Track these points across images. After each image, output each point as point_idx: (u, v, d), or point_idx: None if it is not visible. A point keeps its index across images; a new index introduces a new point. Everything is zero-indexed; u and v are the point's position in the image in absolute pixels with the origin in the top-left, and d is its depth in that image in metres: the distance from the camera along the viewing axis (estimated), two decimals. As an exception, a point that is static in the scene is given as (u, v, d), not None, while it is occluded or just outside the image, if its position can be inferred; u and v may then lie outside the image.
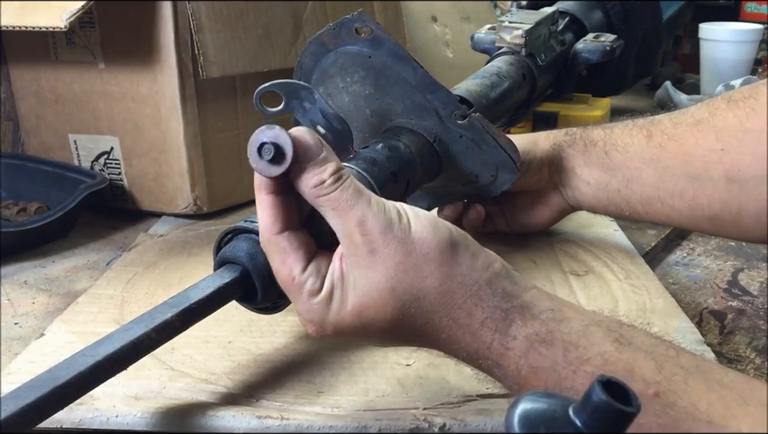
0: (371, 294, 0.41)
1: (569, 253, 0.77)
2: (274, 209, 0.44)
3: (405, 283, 0.41)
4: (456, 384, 0.53)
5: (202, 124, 0.88)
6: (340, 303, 0.42)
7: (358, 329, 0.43)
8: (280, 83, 0.55)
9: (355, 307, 0.42)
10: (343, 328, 0.43)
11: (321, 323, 0.43)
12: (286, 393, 0.52)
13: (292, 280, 0.43)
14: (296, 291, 0.43)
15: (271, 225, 0.44)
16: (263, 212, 0.44)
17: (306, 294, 0.43)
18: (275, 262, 0.44)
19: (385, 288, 0.41)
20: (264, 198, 0.44)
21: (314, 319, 0.43)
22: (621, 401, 0.26)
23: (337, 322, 0.43)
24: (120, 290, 0.69)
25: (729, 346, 0.63)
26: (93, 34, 0.87)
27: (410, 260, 0.41)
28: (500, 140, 0.66)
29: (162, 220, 0.91)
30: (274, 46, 0.92)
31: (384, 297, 0.41)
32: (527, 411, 0.27)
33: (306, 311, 0.43)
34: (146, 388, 0.52)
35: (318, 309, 0.43)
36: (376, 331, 0.42)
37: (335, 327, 0.43)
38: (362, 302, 0.41)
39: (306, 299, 0.43)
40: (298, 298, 0.43)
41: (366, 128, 0.68)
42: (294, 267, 0.43)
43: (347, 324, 0.42)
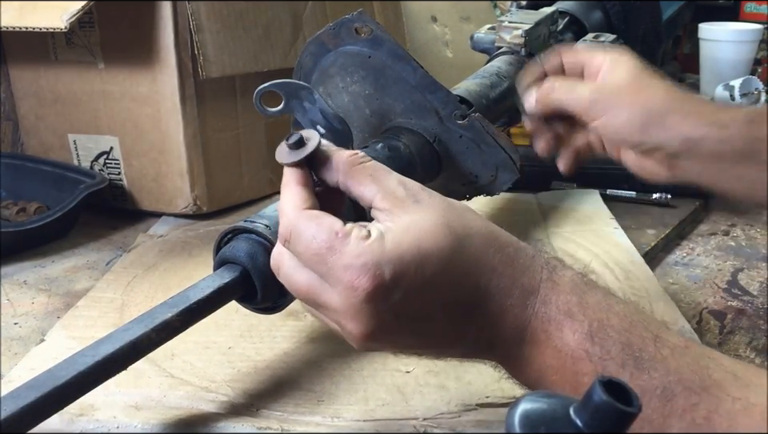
0: (427, 227, 0.39)
1: (568, 252, 0.77)
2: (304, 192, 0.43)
3: (456, 219, 0.41)
4: (456, 392, 0.53)
5: (201, 124, 0.88)
6: (395, 243, 0.39)
7: (417, 266, 0.39)
8: (280, 83, 0.55)
9: (413, 242, 0.39)
10: (402, 267, 0.38)
11: (377, 263, 0.38)
12: (287, 402, 0.52)
13: (336, 234, 0.39)
14: (342, 242, 0.39)
15: (302, 203, 0.42)
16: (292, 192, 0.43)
17: (355, 239, 0.39)
18: (310, 230, 0.40)
19: (439, 223, 0.40)
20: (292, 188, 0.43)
21: (368, 261, 0.38)
22: (622, 401, 0.26)
23: (396, 258, 0.38)
24: (120, 293, 0.69)
25: (729, 346, 0.63)
26: (92, 34, 0.87)
27: (454, 207, 0.42)
28: (500, 140, 0.66)
29: (162, 220, 0.91)
30: (274, 46, 0.92)
31: (440, 230, 0.40)
32: (528, 411, 0.27)
33: (357, 256, 0.38)
34: (147, 397, 0.52)
35: (373, 249, 0.38)
36: (433, 267, 0.39)
37: (394, 265, 0.38)
38: (419, 237, 0.39)
39: (355, 244, 0.39)
40: (345, 248, 0.39)
41: (365, 128, 0.68)
42: (333, 224, 0.40)
43: (406, 260, 0.38)
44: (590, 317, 0.39)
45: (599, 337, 0.39)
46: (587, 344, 0.39)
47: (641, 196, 0.96)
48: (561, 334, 0.39)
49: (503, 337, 0.41)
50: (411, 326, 0.40)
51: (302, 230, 0.41)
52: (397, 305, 0.39)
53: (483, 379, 0.54)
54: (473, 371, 0.55)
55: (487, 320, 0.40)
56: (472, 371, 0.55)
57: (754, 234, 0.89)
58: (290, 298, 0.52)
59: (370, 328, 0.39)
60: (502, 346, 0.41)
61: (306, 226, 0.40)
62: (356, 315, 0.39)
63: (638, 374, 0.37)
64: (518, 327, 0.40)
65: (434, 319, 0.40)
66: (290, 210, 0.42)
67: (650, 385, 0.37)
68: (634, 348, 0.38)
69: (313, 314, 0.44)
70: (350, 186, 0.43)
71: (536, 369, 0.41)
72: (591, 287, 0.42)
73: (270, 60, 0.92)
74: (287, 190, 0.43)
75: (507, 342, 0.41)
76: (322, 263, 0.39)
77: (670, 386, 0.37)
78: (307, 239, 0.40)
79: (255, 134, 0.96)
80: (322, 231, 0.40)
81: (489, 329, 0.41)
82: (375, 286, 0.38)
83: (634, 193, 0.97)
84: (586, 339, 0.39)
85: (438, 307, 0.40)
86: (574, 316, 0.40)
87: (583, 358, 0.39)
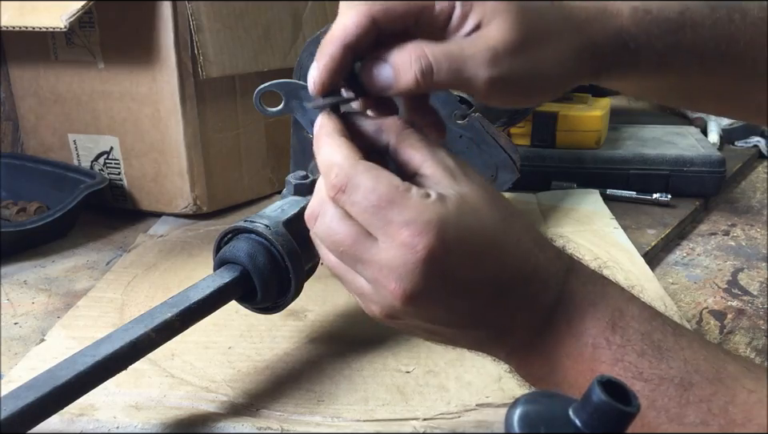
0: (483, 200, 0.39)
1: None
2: (349, 145, 0.40)
3: (501, 199, 0.41)
4: (455, 392, 0.53)
5: (201, 124, 0.88)
6: (457, 206, 0.38)
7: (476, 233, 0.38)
8: (280, 83, 0.55)
9: (473, 209, 0.38)
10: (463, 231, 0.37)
11: (441, 222, 0.37)
12: (287, 402, 0.52)
13: (396, 188, 0.37)
14: (403, 195, 0.37)
15: (352, 154, 0.39)
16: (340, 148, 0.40)
17: (417, 195, 0.37)
18: (369, 181, 0.38)
19: (490, 199, 0.40)
20: (337, 138, 0.41)
21: (432, 218, 0.37)
22: (621, 401, 0.26)
23: (459, 221, 0.37)
24: (120, 293, 0.69)
25: (729, 346, 0.63)
26: (92, 33, 0.87)
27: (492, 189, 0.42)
28: (500, 140, 0.66)
29: (162, 220, 0.91)
30: (274, 46, 0.92)
31: (493, 205, 0.39)
32: (527, 411, 0.27)
33: (420, 212, 0.37)
34: (147, 397, 0.52)
35: (437, 207, 0.37)
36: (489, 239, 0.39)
37: (457, 227, 0.37)
38: (477, 206, 0.39)
39: (417, 199, 0.37)
40: (408, 202, 0.37)
41: (365, 128, 0.68)
42: (393, 178, 0.38)
43: (468, 226, 0.38)
44: (611, 306, 0.40)
45: (620, 326, 0.39)
46: (608, 332, 0.39)
47: (641, 196, 0.96)
48: (583, 322, 0.39)
49: (526, 324, 0.40)
50: (452, 297, 0.39)
51: (360, 181, 0.38)
52: (449, 270, 0.38)
53: (483, 380, 0.54)
54: (473, 372, 0.55)
55: (518, 304, 0.40)
56: (472, 371, 0.55)
57: (754, 234, 0.89)
58: (289, 298, 0.52)
59: (416, 290, 0.37)
60: (520, 334, 0.41)
61: (364, 177, 0.38)
62: (406, 274, 0.37)
63: (656, 363, 0.38)
64: (542, 314, 0.40)
65: (475, 294, 0.39)
66: (342, 160, 0.39)
67: (668, 374, 0.37)
68: (653, 338, 0.39)
69: (341, 274, 0.42)
70: (400, 149, 0.41)
71: (551, 359, 0.40)
72: (610, 280, 0.42)
73: (270, 60, 0.92)
74: (331, 140, 0.41)
75: (526, 329, 0.41)
76: (380, 216, 0.37)
77: (688, 376, 0.37)
78: (366, 189, 0.38)
79: (255, 134, 0.96)
80: (381, 184, 0.38)
81: (517, 314, 0.40)
82: (436, 245, 0.37)
83: (634, 193, 0.97)
84: (607, 327, 0.39)
85: (483, 282, 0.39)
86: (596, 305, 0.40)
87: (603, 346, 0.39)
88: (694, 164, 0.98)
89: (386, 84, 0.41)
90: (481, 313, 0.40)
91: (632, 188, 0.98)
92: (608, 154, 1.01)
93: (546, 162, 1.02)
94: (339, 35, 0.41)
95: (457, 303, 0.39)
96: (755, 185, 1.11)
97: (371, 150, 0.42)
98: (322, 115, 0.43)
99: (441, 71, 0.40)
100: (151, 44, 0.84)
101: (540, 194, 0.97)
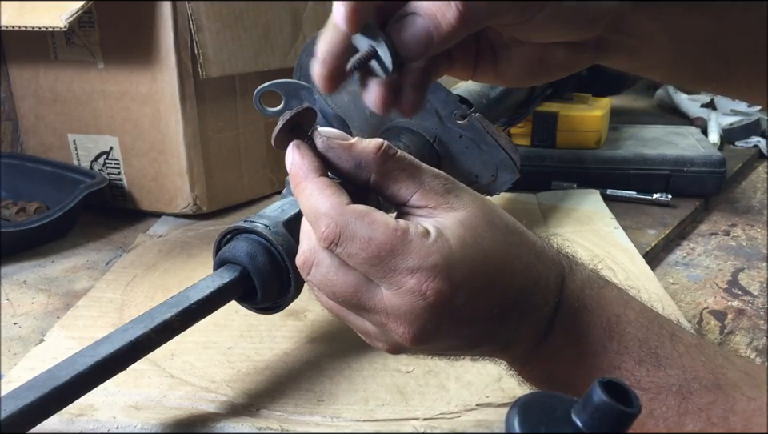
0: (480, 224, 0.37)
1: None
2: (334, 186, 0.38)
3: (497, 214, 0.39)
4: (455, 392, 0.53)
5: (201, 124, 0.88)
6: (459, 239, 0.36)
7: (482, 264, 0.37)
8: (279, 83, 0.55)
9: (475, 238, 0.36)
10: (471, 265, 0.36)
11: (448, 264, 0.35)
12: (286, 402, 0.52)
13: (395, 231, 0.35)
14: (403, 240, 0.35)
15: (339, 200, 0.37)
16: (322, 194, 0.37)
17: (417, 237, 0.35)
18: (362, 229, 0.36)
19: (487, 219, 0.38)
20: (317, 181, 0.38)
21: (438, 262, 0.35)
22: (621, 402, 0.26)
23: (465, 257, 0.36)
24: (119, 293, 0.69)
25: (729, 346, 0.63)
26: (92, 33, 0.87)
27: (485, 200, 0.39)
28: (500, 140, 0.66)
29: (162, 220, 0.91)
30: (274, 46, 0.92)
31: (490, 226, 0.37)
32: (528, 412, 0.27)
33: (424, 256, 0.35)
34: (146, 397, 0.52)
35: (440, 247, 0.35)
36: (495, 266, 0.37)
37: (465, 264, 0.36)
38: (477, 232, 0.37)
39: (419, 243, 0.35)
40: (409, 247, 0.35)
41: (365, 128, 0.68)
42: (387, 220, 0.36)
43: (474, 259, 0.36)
44: (608, 312, 0.39)
45: (617, 332, 0.38)
46: (605, 339, 0.38)
47: (641, 196, 0.96)
48: (580, 329, 0.39)
49: (526, 335, 0.39)
50: (460, 328, 0.38)
51: (354, 231, 0.36)
52: (458, 307, 0.36)
53: (483, 379, 0.54)
54: (473, 371, 0.55)
55: (520, 319, 0.39)
56: (472, 371, 0.55)
57: (754, 234, 0.89)
58: (289, 298, 0.52)
59: (426, 332, 0.36)
60: (522, 344, 0.40)
61: (358, 226, 0.36)
62: (415, 319, 0.36)
63: (654, 371, 0.37)
64: (541, 325, 0.39)
65: (482, 319, 0.38)
66: (329, 209, 0.37)
67: (666, 382, 0.37)
68: (651, 345, 0.38)
69: (342, 317, 0.41)
70: (384, 184, 0.38)
71: (551, 365, 0.40)
72: (607, 283, 0.41)
73: (270, 60, 0.92)
74: (311, 184, 0.38)
75: (528, 340, 0.40)
76: (382, 266, 0.36)
77: (687, 384, 0.36)
78: (363, 240, 0.36)
79: (255, 134, 0.96)
80: (377, 231, 0.36)
81: (520, 328, 0.39)
82: (445, 288, 0.35)
83: (634, 193, 0.97)
84: (604, 334, 0.39)
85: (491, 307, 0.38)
86: (593, 311, 0.39)
87: (600, 353, 0.38)
88: (694, 164, 0.98)
89: (425, 38, 0.36)
90: (486, 334, 0.39)
91: (632, 188, 0.98)
92: (608, 154, 1.01)
93: (546, 162, 1.02)
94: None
95: (468, 330, 0.38)
96: (756, 185, 1.11)
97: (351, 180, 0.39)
98: (292, 150, 0.39)
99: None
100: (151, 44, 0.84)
101: (540, 194, 0.96)
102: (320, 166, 0.39)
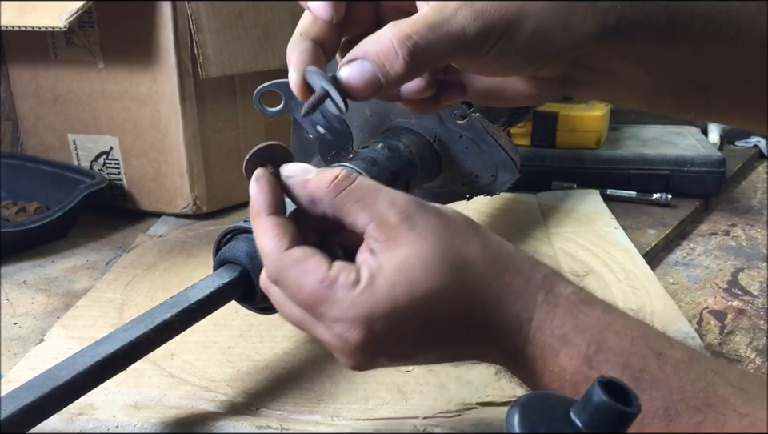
0: (421, 266, 0.37)
1: (568, 252, 0.77)
2: (278, 228, 0.39)
3: (452, 247, 0.38)
4: (456, 391, 0.53)
5: (201, 124, 0.88)
6: (388, 289, 0.36)
7: (414, 312, 0.37)
8: (279, 83, 0.55)
9: (407, 287, 0.37)
10: (397, 316, 0.37)
11: (367, 317, 0.36)
12: (286, 401, 0.52)
13: (321, 281, 0.37)
14: (329, 292, 0.37)
15: (279, 245, 0.39)
16: (266, 235, 0.39)
17: (344, 289, 0.37)
18: (294, 277, 0.38)
19: (435, 258, 0.37)
20: (264, 221, 0.39)
21: (358, 315, 0.36)
22: (621, 401, 0.26)
23: (389, 311, 0.36)
24: (120, 293, 0.69)
25: (729, 346, 0.63)
26: (92, 33, 0.87)
27: (450, 228, 0.39)
28: (500, 140, 0.66)
29: (162, 220, 0.91)
30: (274, 46, 0.92)
31: (435, 266, 0.37)
32: (527, 411, 0.27)
33: (347, 308, 0.36)
34: (146, 396, 0.52)
35: (362, 301, 0.36)
36: (428, 311, 0.37)
37: (387, 317, 0.36)
38: (412, 280, 0.37)
39: (343, 295, 0.36)
40: (333, 298, 0.37)
41: (365, 128, 0.68)
42: (318, 269, 0.37)
43: (400, 309, 0.37)
44: (587, 339, 0.38)
45: (597, 360, 0.37)
46: (585, 369, 0.37)
47: (641, 196, 0.96)
48: (557, 359, 0.38)
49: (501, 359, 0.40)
50: (406, 358, 0.40)
51: (288, 277, 0.38)
52: (390, 349, 0.38)
53: (483, 379, 0.54)
54: (473, 371, 0.55)
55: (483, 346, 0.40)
56: (472, 370, 0.55)
57: (754, 234, 0.89)
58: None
59: (365, 364, 0.39)
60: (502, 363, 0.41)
61: (291, 273, 0.38)
62: (350, 355, 0.38)
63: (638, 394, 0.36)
64: (512, 354, 0.39)
65: (429, 351, 0.39)
66: (270, 251, 0.39)
67: (651, 406, 0.35)
68: (634, 368, 0.37)
69: None
70: (339, 216, 0.39)
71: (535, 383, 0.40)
72: (589, 304, 0.39)
73: (270, 60, 0.92)
74: (258, 224, 0.40)
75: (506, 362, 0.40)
76: (311, 311, 0.38)
77: (674, 405, 0.35)
78: (294, 286, 0.38)
79: (255, 134, 0.96)
80: (307, 279, 0.37)
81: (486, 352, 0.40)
82: (366, 338, 0.37)
83: (634, 193, 0.97)
84: (583, 363, 0.37)
85: (434, 343, 0.39)
86: (569, 340, 0.38)
87: (582, 382, 0.37)
88: (694, 164, 0.98)
89: (373, 83, 0.38)
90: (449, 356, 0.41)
91: (632, 188, 0.98)
92: (608, 154, 1.01)
93: (546, 162, 1.02)
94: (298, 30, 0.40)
95: (416, 358, 0.40)
96: (755, 185, 1.11)
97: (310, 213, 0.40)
98: (252, 183, 0.40)
99: (430, 44, 0.36)
100: (151, 44, 0.84)
101: (540, 194, 0.96)
102: (274, 202, 0.40)
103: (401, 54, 0.37)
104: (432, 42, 0.37)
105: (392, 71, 0.37)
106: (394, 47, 0.37)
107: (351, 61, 0.38)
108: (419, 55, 0.37)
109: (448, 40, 0.37)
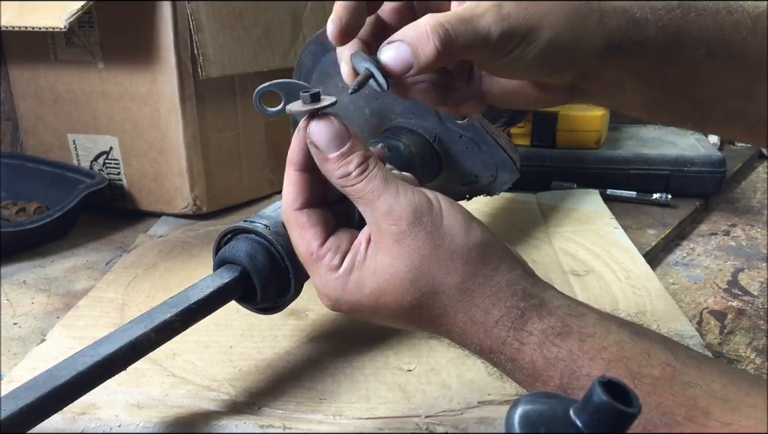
0: (391, 281, 0.41)
1: (569, 252, 0.77)
2: (297, 185, 0.44)
3: (427, 276, 0.41)
4: (457, 390, 0.53)
5: (201, 124, 0.88)
6: (357, 286, 0.42)
7: (373, 311, 0.43)
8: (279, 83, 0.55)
9: (373, 292, 0.42)
10: (358, 309, 0.43)
11: (336, 299, 0.43)
12: (288, 400, 0.52)
13: (310, 254, 0.43)
14: (314, 265, 0.43)
15: (293, 201, 0.44)
16: (287, 188, 0.44)
17: (324, 268, 0.43)
18: (294, 236, 0.44)
19: (406, 278, 0.41)
20: (291, 174, 0.44)
21: (329, 294, 0.43)
22: (621, 402, 0.26)
23: (353, 302, 0.43)
24: (120, 293, 0.69)
25: (729, 346, 0.63)
26: (92, 33, 0.87)
27: (436, 254, 0.41)
28: (500, 140, 0.66)
29: (162, 220, 0.91)
30: (274, 46, 0.92)
31: (404, 286, 0.41)
32: (528, 412, 0.27)
33: (323, 285, 0.43)
34: (148, 396, 0.52)
35: (335, 285, 0.43)
36: (390, 315, 0.43)
37: (351, 306, 0.43)
38: (380, 288, 0.42)
39: (323, 273, 0.43)
40: (316, 271, 0.43)
41: (365, 128, 0.68)
42: (311, 242, 0.43)
43: (363, 305, 0.43)
44: (560, 371, 0.38)
45: (572, 388, 0.38)
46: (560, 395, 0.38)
47: (641, 196, 0.96)
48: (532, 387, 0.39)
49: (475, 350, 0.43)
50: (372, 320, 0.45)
51: (290, 230, 0.45)
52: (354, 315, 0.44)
53: (485, 377, 0.54)
54: (475, 370, 0.55)
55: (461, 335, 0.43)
56: (474, 369, 0.55)
57: (754, 234, 0.89)
58: (289, 298, 0.52)
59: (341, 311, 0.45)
60: None
61: (292, 231, 0.44)
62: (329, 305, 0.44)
63: None
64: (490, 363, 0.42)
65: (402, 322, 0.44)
66: (284, 206, 0.45)
67: None
68: None
69: None
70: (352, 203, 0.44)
71: None
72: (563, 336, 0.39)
73: (270, 60, 0.92)
74: (286, 180, 0.45)
75: None
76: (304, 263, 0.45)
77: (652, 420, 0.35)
78: (294, 239, 0.45)
79: (255, 134, 0.96)
80: (301, 246, 0.44)
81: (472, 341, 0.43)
82: (332, 307, 0.44)
83: (634, 193, 0.97)
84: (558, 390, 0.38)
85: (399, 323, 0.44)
86: (540, 374, 0.39)
87: None
88: (694, 164, 0.98)
89: (406, 63, 0.41)
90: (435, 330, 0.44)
91: (632, 188, 0.98)
92: (608, 154, 1.01)
93: (546, 162, 1.02)
94: None
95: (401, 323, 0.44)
96: (755, 185, 1.11)
97: None
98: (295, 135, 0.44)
99: (459, 36, 0.40)
100: (151, 44, 0.84)
101: (540, 194, 0.96)
102: (304, 159, 0.44)
103: (432, 39, 0.40)
104: (461, 33, 0.40)
105: (423, 55, 0.40)
106: (428, 33, 0.40)
107: (391, 42, 0.41)
108: (448, 43, 0.40)
109: (474, 35, 0.40)
